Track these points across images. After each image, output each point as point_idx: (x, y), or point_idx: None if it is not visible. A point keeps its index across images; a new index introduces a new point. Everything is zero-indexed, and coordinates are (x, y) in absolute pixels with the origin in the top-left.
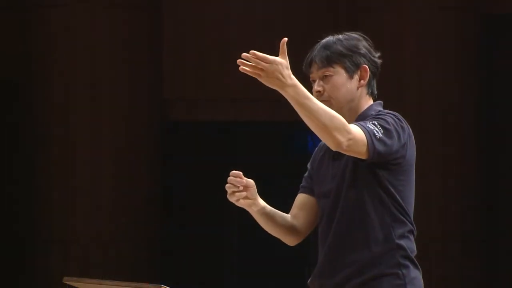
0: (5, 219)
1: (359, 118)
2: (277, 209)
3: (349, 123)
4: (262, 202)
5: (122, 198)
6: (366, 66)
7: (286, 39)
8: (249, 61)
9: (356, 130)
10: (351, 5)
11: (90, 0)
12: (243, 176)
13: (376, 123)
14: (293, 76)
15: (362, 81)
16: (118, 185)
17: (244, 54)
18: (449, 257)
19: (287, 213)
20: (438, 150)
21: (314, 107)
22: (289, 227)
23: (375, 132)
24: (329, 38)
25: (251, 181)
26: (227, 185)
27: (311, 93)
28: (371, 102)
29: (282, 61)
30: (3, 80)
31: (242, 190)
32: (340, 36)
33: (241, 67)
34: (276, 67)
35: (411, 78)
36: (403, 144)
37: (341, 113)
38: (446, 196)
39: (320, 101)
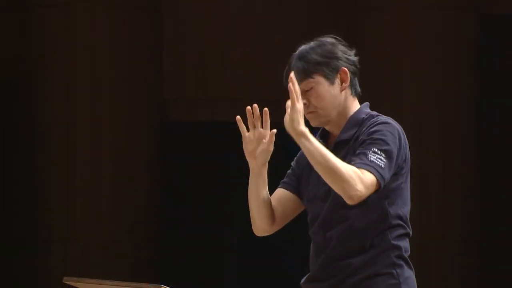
0: (5, 219)
1: (350, 121)
2: None
3: (339, 127)
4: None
5: (122, 198)
6: (345, 69)
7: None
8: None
9: (365, 176)
10: (351, 5)
11: (90, 0)
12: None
13: (376, 150)
14: None
15: (344, 84)
16: (118, 185)
17: (291, 77)
18: (449, 257)
19: None
20: (438, 150)
21: (328, 153)
22: (269, 208)
23: (379, 163)
24: (303, 48)
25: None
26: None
27: None
28: (356, 102)
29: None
30: (3, 80)
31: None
32: (313, 44)
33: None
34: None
35: (411, 78)
36: (401, 153)
37: (330, 121)
38: (446, 196)
39: (308, 112)
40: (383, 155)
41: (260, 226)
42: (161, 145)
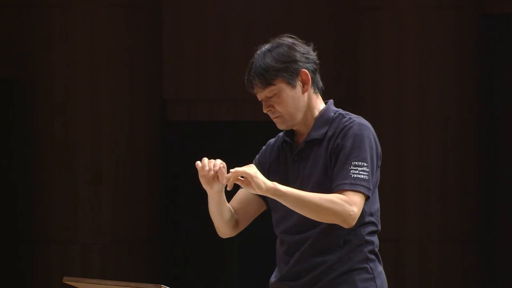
0: (5, 219)
1: (319, 120)
2: None
3: (306, 126)
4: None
5: (122, 198)
6: (305, 70)
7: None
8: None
9: (352, 198)
10: (351, 5)
11: (90, 0)
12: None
13: (356, 162)
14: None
15: (306, 86)
16: (118, 185)
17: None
18: (449, 257)
19: None
20: (438, 150)
21: (306, 194)
22: (231, 218)
23: (362, 176)
24: (259, 53)
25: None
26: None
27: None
28: (320, 99)
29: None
30: (3, 80)
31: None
32: (269, 47)
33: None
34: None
35: (411, 78)
36: (377, 154)
37: (296, 123)
38: (446, 196)
39: (274, 117)
40: (364, 164)
41: (224, 232)
42: (161, 145)
